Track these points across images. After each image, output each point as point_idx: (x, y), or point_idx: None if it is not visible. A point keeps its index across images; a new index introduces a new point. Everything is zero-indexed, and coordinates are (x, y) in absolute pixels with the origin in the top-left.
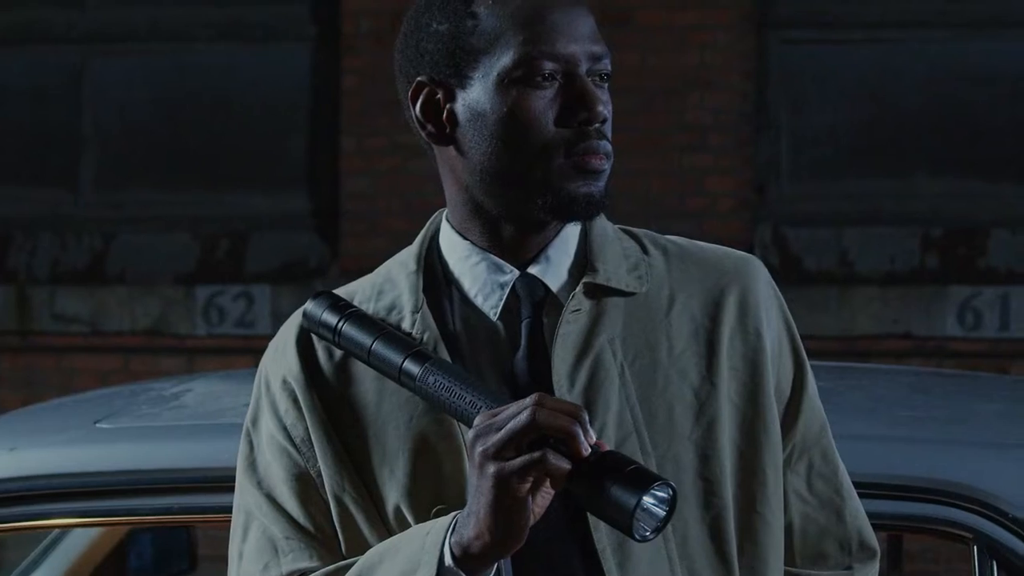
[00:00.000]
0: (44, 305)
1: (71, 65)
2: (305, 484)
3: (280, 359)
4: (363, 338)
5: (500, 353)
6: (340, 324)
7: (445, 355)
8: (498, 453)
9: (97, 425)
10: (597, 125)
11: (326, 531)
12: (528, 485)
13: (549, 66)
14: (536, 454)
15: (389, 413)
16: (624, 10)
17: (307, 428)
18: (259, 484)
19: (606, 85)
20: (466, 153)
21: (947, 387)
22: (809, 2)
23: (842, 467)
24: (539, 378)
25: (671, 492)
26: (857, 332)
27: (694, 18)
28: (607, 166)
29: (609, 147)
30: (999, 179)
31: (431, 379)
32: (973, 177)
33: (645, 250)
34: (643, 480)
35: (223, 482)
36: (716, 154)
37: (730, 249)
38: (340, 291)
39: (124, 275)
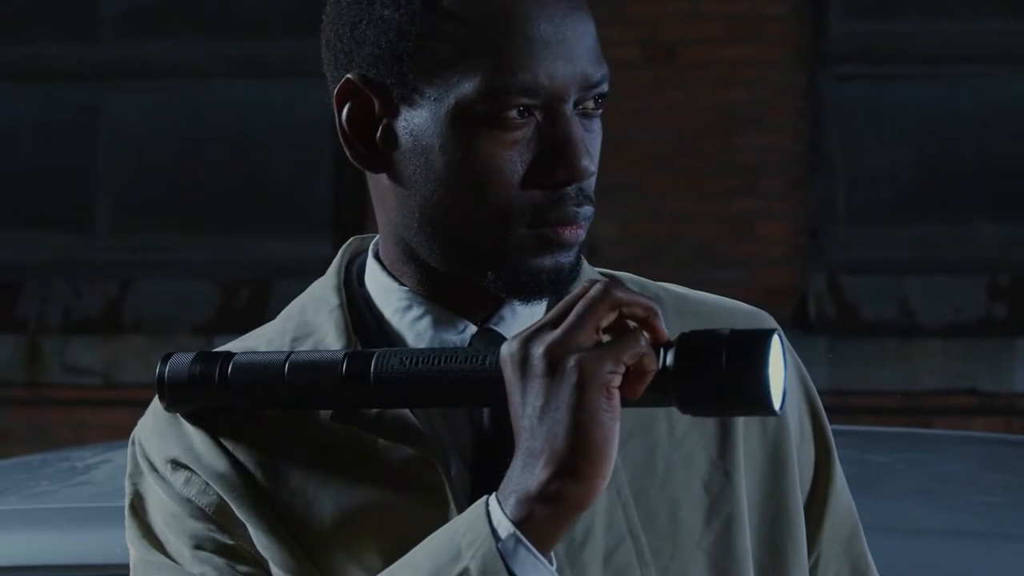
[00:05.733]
0: (55, 356)
1: (84, 102)
2: (236, 556)
3: (167, 431)
4: (268, 364)
5: (457, 425)
6: (222, 368)
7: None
8: (569, 343)
9: None
10: (578, 184)
11: None
12: (619, 379)
13: (525, 102)
14: (627, 333)
15: (322, 483)
16: (667, 46)
17: (219, 495)
18: (176, 561)
19: (599, 112)
20: (403, 186)
21: None
22: (864, 35)
23: None
24: (511, 461)
25: (781, 339)
26: (919, 388)
27: (741, 53)
28: (584, 232)
29: (591, 209)
30: None
31: (392, 362)
32: None
33: None
34: (755, 339)
35: None
36: (767, 197)
37: (736, 302)
38: (232, 346)
39: (140, 324)
